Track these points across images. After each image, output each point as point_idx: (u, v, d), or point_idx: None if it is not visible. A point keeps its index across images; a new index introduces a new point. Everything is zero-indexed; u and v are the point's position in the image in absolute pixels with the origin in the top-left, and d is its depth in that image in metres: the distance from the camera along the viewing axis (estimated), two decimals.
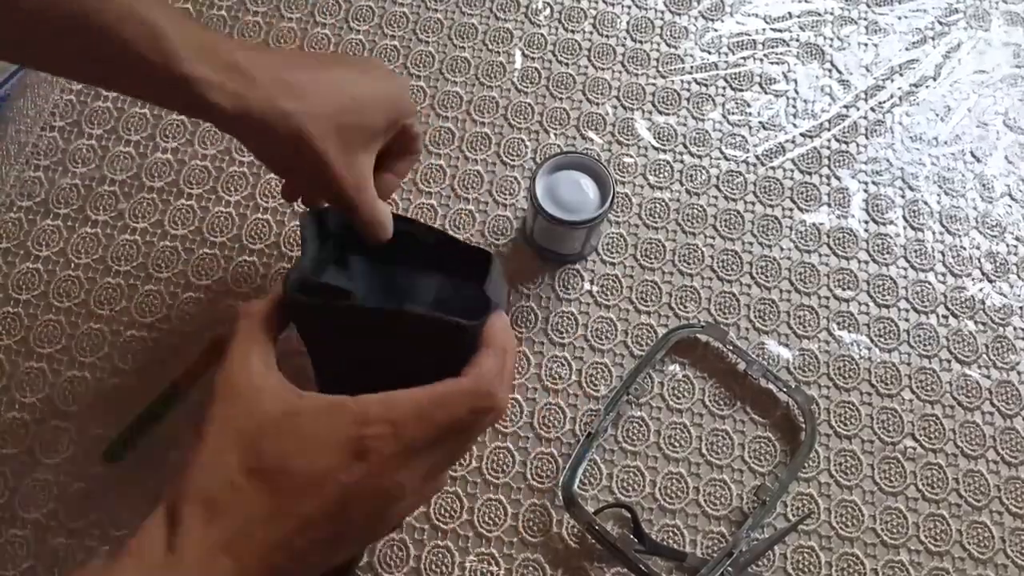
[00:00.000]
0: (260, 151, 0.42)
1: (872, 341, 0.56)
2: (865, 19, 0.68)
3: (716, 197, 0.61)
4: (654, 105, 0.64)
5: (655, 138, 0.62)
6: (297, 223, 0.58)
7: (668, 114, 0.63)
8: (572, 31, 0.66)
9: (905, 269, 0.59)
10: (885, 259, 0.59)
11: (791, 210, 0.60)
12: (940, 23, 0.68)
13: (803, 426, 0.53)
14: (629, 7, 0.67)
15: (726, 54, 0.66)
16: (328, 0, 0.66)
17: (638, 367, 0.54)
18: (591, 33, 0.66)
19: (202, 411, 0.33)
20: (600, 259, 0.58)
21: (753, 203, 0.60)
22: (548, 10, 0.67)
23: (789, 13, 0.68)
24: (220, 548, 0.31)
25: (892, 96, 0.65)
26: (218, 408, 0.33)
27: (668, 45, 0.66)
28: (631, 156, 0.61)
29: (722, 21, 0.67)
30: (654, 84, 0.64)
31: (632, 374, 0.53)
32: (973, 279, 0.58)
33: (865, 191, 0.61)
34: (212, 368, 0.51)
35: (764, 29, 0.67)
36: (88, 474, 0.51)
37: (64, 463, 0.52)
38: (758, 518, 0.50)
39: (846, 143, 0.63)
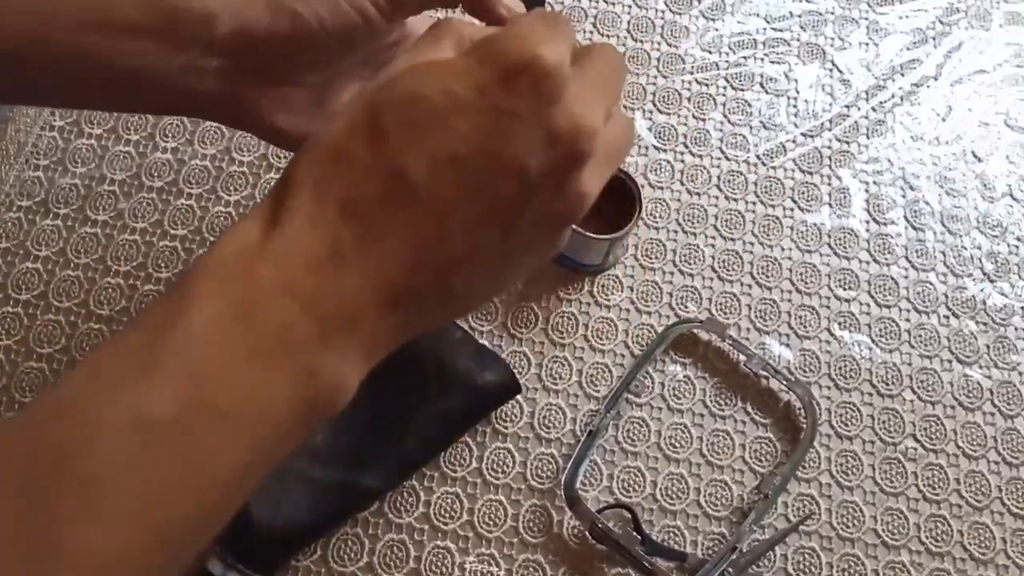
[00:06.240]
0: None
1: (873, 341, 0.56)
2: (866, 19, 0.68)
3: (717, 197, 0.60)
4: (655, 104, 0.64)
5: (656, 137, 0.62)
6: None
7: (669, 114, 0.63)
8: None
9: (906, 269, 0.58)
10: (886, 259, 0.59)
11: (792, 210, 0.60)
12: (941, 23, 0.68)
13: (804, 422, 0.53)
14: (630, 7, 0.67)
15: (727, 54, 0.66)
16: None
17: (638, 363, 0.54)
18: (591, 33, 0.66)
19: None
20: None
21: (754, 203, 0.60)
22: (549, 10, 0.67)
23: (790, 13, 0.68)
24: (335, 207, 0.25)
25: (893, 96, 0.65)
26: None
27: (669, 45, 0.66)
28: (631, 156, 0.61)
29: (723, 21, 0.67)
30: (655, 84, 0.64)
31: (632, 370, 0.53)
32: (974, 279, 0.58)
33: (866, 191, 0.61)
34: None
35: (765, 29, 0.67)
36: None
37: None
38: (761, 512, 0.50)
39: (847, 143, 0.63)
